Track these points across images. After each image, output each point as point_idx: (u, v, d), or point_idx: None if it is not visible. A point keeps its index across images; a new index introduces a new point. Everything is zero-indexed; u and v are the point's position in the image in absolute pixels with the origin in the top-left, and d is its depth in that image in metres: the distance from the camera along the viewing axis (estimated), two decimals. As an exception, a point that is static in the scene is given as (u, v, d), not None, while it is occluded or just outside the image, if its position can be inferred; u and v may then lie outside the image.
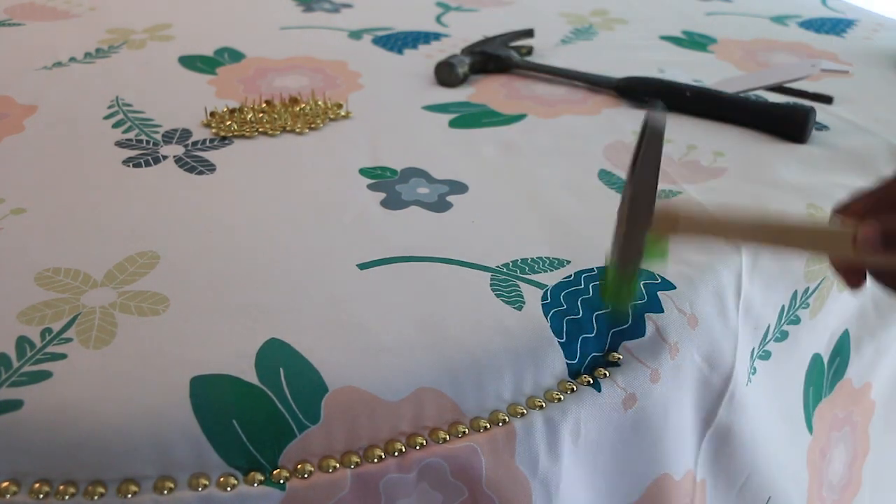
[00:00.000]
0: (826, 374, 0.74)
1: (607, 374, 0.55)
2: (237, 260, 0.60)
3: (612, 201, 0.70)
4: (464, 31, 1.08)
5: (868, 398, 0.80)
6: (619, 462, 0.56)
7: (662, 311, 0.58)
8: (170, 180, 0.71)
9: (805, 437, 0.71)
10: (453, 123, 0.83)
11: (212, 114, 0.82)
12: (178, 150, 0.76)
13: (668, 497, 0.58)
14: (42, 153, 0.74)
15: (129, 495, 0.45)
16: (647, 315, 0.57)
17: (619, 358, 0.56)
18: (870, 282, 0.48)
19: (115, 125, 0.80)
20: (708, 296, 0.60)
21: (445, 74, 0.89)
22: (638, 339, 0.57)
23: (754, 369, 0.64)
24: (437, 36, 1.07)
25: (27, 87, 0.87)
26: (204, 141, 0.78)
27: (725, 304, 0.61)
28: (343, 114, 0.84)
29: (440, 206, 0.68)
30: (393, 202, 0.68)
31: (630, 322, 0.57)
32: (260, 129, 0.80)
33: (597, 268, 0.60)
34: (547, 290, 0.58)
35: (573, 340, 0.55)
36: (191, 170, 0.72)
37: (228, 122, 0.81)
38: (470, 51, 0.94)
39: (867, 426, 0.81)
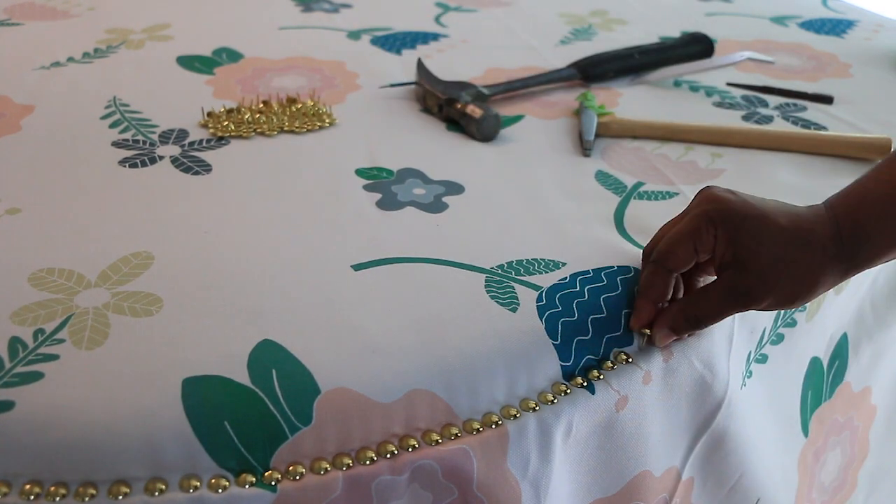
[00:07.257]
0: (825, 377, 0.74)
1: (601, 377, 0.55)
2: (231, 261, 0.60)
3: (608, 203, 0.69)
4: (463, 32, 1.08)
5: (869, 402, 0.80)
6: (604, 459, 0.56)
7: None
8: (166, 181, 0.70)
9: (799, 439, 0.71)
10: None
11: (209, 114, 0.82)
12: (174, 150, 0.75)
13: (644, 492, 0.58)
14: (38, 153, 0.74)
15: (120, 496, 0.44)
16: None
17: (612, 365, 0.56)
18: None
19: (112, 125, 0.80)
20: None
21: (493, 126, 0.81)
22: (631, 345, 0.57)
23: (750, 372, 0.64)
24: (435, 36, 1.07)
25: (24, 86, 0.87)
26: (201, 141, 0.77)
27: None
28: (340, 114, 0.84)
29: (436, 206, 0.68)
30: (389, 203, 0.68)
31: (623, 328, 0.57)
32: (257, 130, 0.80)
33: (592, 270, 0.60)
34: (542, 292, 0.57)
35: (568, 342, 0.55)
36: (187, 170, 0.72)
37: (226, 123, 0.80)
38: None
39: (868, 431, 0.81)
